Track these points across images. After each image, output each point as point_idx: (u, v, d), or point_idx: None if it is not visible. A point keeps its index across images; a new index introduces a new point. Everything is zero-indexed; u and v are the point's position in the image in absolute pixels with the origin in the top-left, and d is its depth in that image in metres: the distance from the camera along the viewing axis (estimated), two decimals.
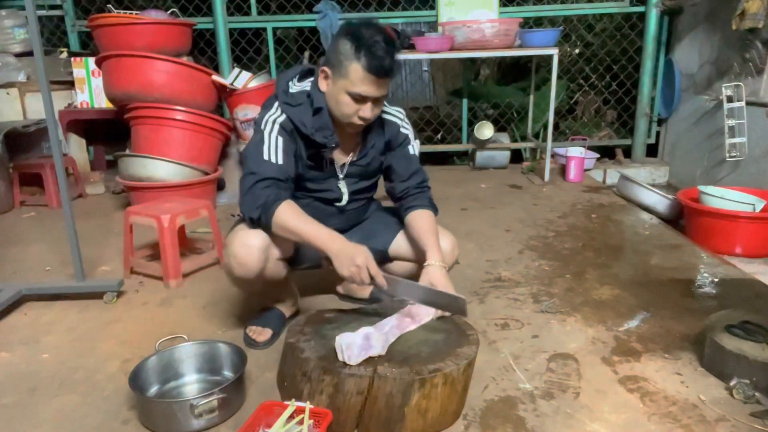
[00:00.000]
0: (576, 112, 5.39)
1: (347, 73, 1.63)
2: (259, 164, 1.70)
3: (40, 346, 2.02)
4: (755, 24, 3.19)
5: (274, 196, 1.67)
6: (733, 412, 1.55)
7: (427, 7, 4.68)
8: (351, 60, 1.61)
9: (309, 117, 1.75)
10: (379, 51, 1.59)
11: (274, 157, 1.71)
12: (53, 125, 2.19)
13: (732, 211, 2.90)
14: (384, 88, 1.67)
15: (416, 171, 1.95)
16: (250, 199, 1.69)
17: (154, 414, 1.53)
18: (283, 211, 1.65)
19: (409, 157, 1.95)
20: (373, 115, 1.71)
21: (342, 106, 1.68)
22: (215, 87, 3.72)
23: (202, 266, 2.66)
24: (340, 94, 1.67)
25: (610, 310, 2.18)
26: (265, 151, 1.71)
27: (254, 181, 1.68)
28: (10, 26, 4.24)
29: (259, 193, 1.67)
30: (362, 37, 1.60)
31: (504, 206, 3.62)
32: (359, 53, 1.59)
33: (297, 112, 1.75)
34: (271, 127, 1.74)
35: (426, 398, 1.43)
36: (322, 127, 1.75)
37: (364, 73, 1.61)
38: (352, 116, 1.70)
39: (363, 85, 1.63)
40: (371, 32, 1.61)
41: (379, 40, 1.60)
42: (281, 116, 1.75)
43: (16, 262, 2.85)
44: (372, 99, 1.67)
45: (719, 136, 3.61)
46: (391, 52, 1.62)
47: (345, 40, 1.63)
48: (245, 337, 1.96)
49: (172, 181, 3.39)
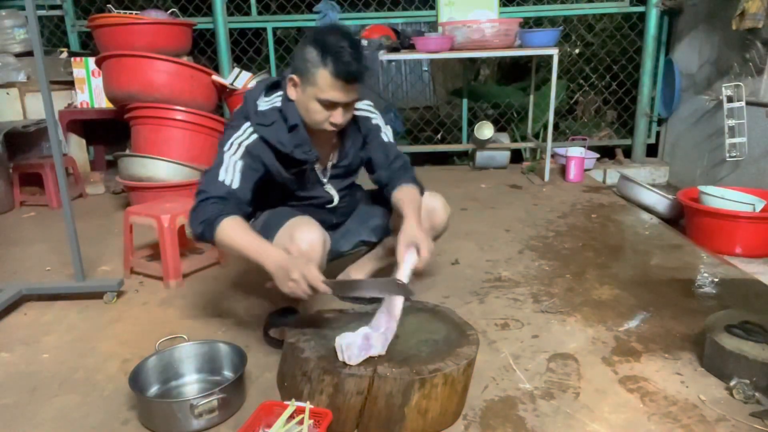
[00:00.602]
0: (576, 112, 5.39)
1: (315, 80, 1.62)
2: (211, 184, 1.69)
3: (40, 346, 2.02)
4: (755, 24, 3.19)
5: (217, 211, 1.65)
6: (733, 412, 1.55)
7: (427, 7, 4.67)
8: (318, 67, 1.60)
9: (285, 135, 1.74)
10: (346, 56, 1.58)
11: (229, 179, 1.70)
12: (53, 125, 2.19)
13: (732, 211, 2.90)
14: (354, 93, 1.67)
15: (396, 156, 1.95)
16: (194, 215, 1.68)
17: (154, 414, 1.53)
18: (226, 226, 1.63)
19: (385, 145, 1.95)
20: (344, 120, 1.71)
21: (312, 113, 1.68)
22: (215, 87, 3.72)
23: (202, 266, 2.66)
24: (309, 101, 1.67)
25: (610, 310, 2.18)
26: (222, 173, 1.70)
27: (201, 199, 1.68)
28: (10, 26, 4.24)
29: (204, 209, 1.66)
30: (328, 44, 1.59)
31: (504, 206, 3.62)
32: (326, 60, 1.59)
33: (272, 132, 1.73)
34: (235, 149, 1.72)
35: (426, 398, 1.43)
36: (299, 143, 1.75)
37: (332, 80, 1.60)
38: (323, 122, 1.70)
39: (332, 91, 1.62)
40: (336, 38, 1.61)
41: (344, 45, 1.59)
42: (250, 138, 1.73)
43: (16, 262, 2.85)
44: (342, 104, 1.67)
45: (719, 136, 3.61)
46: (358, 56, 1.61)
47: (310, 47, 1.62)
48: (269, 340, 1.94)
49: (172, 181, 3.39)
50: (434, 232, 2.05)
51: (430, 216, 2.01)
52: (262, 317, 2.13)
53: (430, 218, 2.01)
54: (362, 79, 1.65)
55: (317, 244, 1.72)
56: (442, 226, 2.06)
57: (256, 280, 2.51)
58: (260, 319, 2.13)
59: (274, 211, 1.89)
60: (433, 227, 2.03)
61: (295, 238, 1.70)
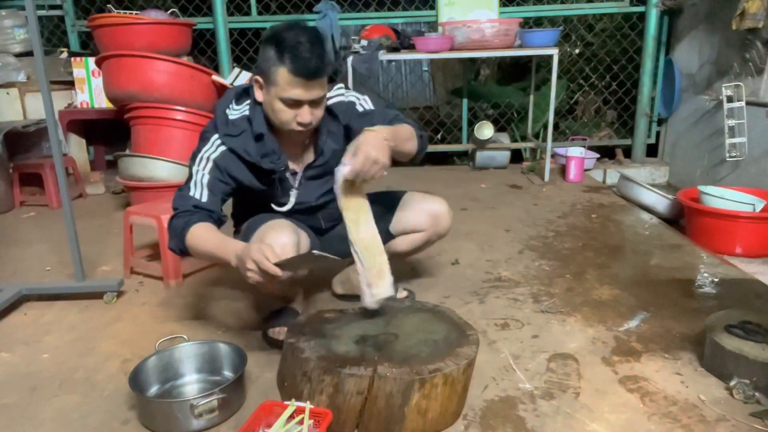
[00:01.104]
0: (576, 112, 5.39)
1: (276, 79, 1.60)
2: (181, 200, 1.70)
3: (40, 346, 2.02)
4: (755, 24, 3.19)
5: (184, 223, 1.66)
6: (733, 412, 1.55)
7: (427, 7, 4.68)
8: (277, 65, 1.58)
9: (252, 144, 1.72)
10: (304, 52, 1.55)
11: (198, 193, 1.70)
12: (53, 125, 2.19)
13: (732, 211, 2.90)
14: (317, 90, 1.63)
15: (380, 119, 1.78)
16: (169, 234, 1.70)
17: (154, 414, 1.53)
18: (194, 233, 1.64)
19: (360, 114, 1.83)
20: (313, 118, 1.67)
21: (278, 113, 1.65)
22: (215, 87, 3.72)
23: (202, 266, 2.66)
24: (274, 101, 1.64)
25: (610, 310, 2.18)
26: (192, 188, 1.71)
27: (171, 216, 1.70)
28: (10, 26, 4.24)
29: (174, 223, 1.68)
30: (284, 40, 1.57)
31: (504, 206, 3.62)
32: (283, 57, 1.56)
33: (240, 142, 1.72)
34: (204, 163, 1.72)
35: (426, 398, 1.43)
36: (266, 153, 1.73)
37: (291, 77, 1.57)
38: (291, 122, 1.66)
39: (293, 89, 1.59)
40: (294, 34, 1.58)
41: (302, 41, 1.56)
42: (217, 151, 1.73)
43: (16, 262, 2.85)
44: (307, 102, 1.63)
45: (719, 136, 3.61)
46: (317, 51, 1.57)
47: (270, 46, 1.59)
48: (267, 340, 1.94)
49: (172, 181, 3.39)
50: (437, 236, 2.07)
51: (435, 220, 2.01)
52: (262, 317, 2.13)
53: (434, 222, 2.01)
54: (322, 75, 1.61)
55: (288, 246, 1.66)
56: (446, 230, 2.07)
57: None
58: (260, 319, 2.13)
59: (254, 219, 1.86)
60: (436, 232, 2.04)
61: (265, 242, 1.62)
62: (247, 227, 1.86)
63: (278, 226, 1.72)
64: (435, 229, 2.03)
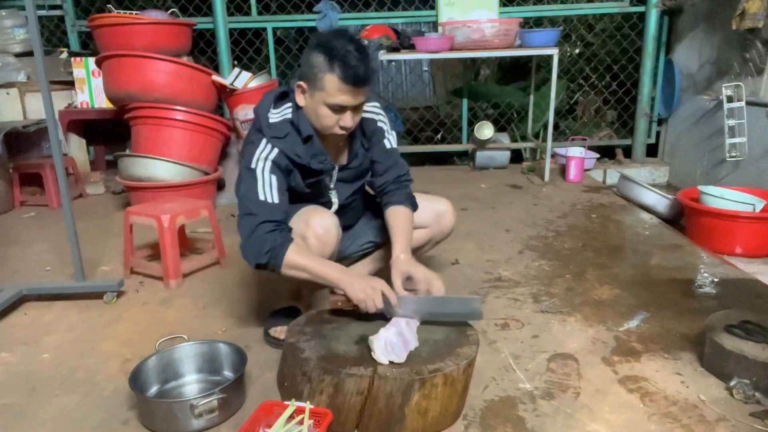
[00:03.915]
0: (576, 112, 5.40)
1: (323, 85, 1.63)
2: (257, 205, 1.70)
3: (40, 346, 2.02)
4: (755, 24, 3.19)
5: (280, 240, 1.67)
6: (733, 412, 1.55)
7: (427, 7, 4.67)
8: (325, 72, 1.61)
9: (300, 146, 1.75)
10: (353, 60, 1.59)
11: (270, 196, 1.71)
12: (53, 125, 2.19)
13: (732, 211, 2.90)
14: (361, 96, 1.68)
15: (393, 164, 1.94)
16: (254, 245, 1.68)
17: (154, 414, 1.53)
18: (293, 254, 1.66)
19: (386, 151, 1.94)
20: (353, 123, 1.72)
21: (322, 118, 1.69)
22: (215, 87, 3.72)
23: (202, 266, 2.66)
24: (318, 106, 1.68)
25: (610, 310, 2.18)
26: (260, 191, 1.70)
27: (255, 225, 1.68)
28: (10, 26, 4.25)
29: (264, 237, 1.67)
30: (334, 48, 1.60)
31: (504, 206, 3.62)
32: (333, 64, 1.60)
33: (287, 144, 1.74)
34: (263, 164, 1.73)
35: (426, 398, 1.43)
36: (315, 153, 1.77)
37: (340, 84, 1.61)
38: (333, 127, 1.71)
39: (340, 95, 1.63)
40: (342, 42, 1.62)
41: (351, 49, 1.60)
42: (272, 152, 1.74)
43: (16, 262, 2.85)
44: (351, 108, 1.67)
45: (719, 136, 3.61)
46: (365, 59, 1.62)
47: (317, 52, 1.63)
48: (268, 339, 1.95)
49: (172, 181, 3.39)
50: (442, 235, 2.11)
51: (439, 219, 2.06)
52: (262, 317, 2.14)
53: (438, 221, 2.06)
54: (370, 82, 1.66)
55: (332, 228, 1.77)
56: (449, 229, 2.11)
57: (256, 280, 2.52)
58: (260, 319, 2.13)
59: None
60: (441, 231, 2.09)
61: (310, 223, 1.75)
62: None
63: (319, 210, 1.82)
64: (438, 227, 2.07)
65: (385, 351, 1.46)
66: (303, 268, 1.67)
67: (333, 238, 1.78)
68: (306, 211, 1.81)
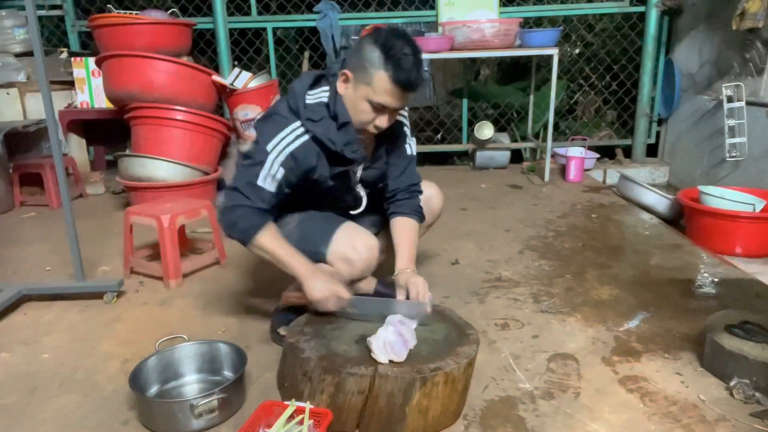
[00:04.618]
0: (576, 112, 5.40)
1: (371, 81, 1.59)
2: (250, 188, 1.67)
3: (40, 346, 2.02)
4: (755, 24, 3.19)
5: (257, 220, 1.67)
6: (733, 412, 1.55)
7: (427, 7, 4.67)
8: (378, 69, 1.57)
9: (335, 132, 1.69)
10: (407, 64, 1.56)
11: (269, 184, 1.68)
12: (53, 125, 2.19)
13: (732, 211, 2.90)
14: (405, 100, 1.65)
15: (409, 172, 1.92)
16: (231, 219, 1.69)
17: (154, 414, 1.53)
18: (265, 236, 1.68)
19: (405, 156, 1.93)
20: (388, 125, 1.69)
21: (360, 113, 1.66)
22: (215, 87, 3.72)
23: (202, 266, 2.66)
24: (360, 101, 1.64)
25: (610, 310, 2.18)
26: (261, 176, 1.67)
27: (238, 203, 1.68)
28: (10, 26, 4.24)
29: (241, 214, 1.67)
30: (393, 47, 1.56)
31: (504, 206, 3.62)
32: (388, 63, 1.56)
33: (322, 129, 1.69)
34: (279, 152, 1.67)
35: (427, 397, 1.44)
36: (349, 141, 1.71)
37: (391, 85, 1.58)
38: (368, 123, 1.67)
39: (387, 95, 1.60)
40: (402, 43, 1.57)
41: (408, 53, 1.56)
42: (296, 141, 1.68)
43: (16, 262, 2.85)
44: (391, 110, 1.65)
45: (719, 136, 3.61)
46: (419, 66, 1.59)
47: (374, 47, 1.58)
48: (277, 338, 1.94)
49: (172, 181, 3.39)
50: (433, 217, 2.11)
51: (428, 203, 2.04)
52: (262, 317, 2.14)
53: (428, 205, 2.04)
54: (417, 89, 1.64)
55: (375, 248, 1.79)
56: (438, 211, 2.12)
57: (256, 280, 2.52)
58: (261, 319, 2.13)
59: (307, 216, 1.87)
60: (431, 213, 2.08)
61: (357, 247, 1.75)
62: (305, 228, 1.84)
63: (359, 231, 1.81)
64: (429, 211, 2.04)
65: (384, 350, 1.46)
66: (271, 252, 1.68)
67: (376, 258, 1.81)
68: (347, 232, 1.78)
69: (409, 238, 1.86)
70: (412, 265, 1.81)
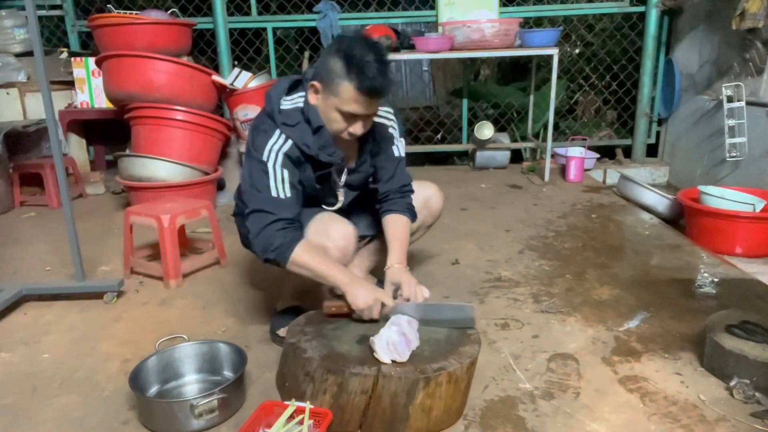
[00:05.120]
0: (576, 112, 5.40)
1: (338, 91, 1.59)
2: (270, 202, 1.66)
3: (40, 346, 2.02)
4: (755, 24, 3.19)
5: (289, 237, 1.65)
6: (733, 412, 1.55)
7: (427, 7, 4.67)
8: (342, 79, 1.58)
9: (310, 136, 1.71)
10: (371, 71, 1.55)
11: (282, 192, 1.68)
12: (53, 125, 2.19)
13: (732, 211, 2.90)
14: (375, 106, 1.65)
15: (399, 173, 1.92)
16: (263, 241, 1.66)
17: (154, 414, 1.53)
18: (300, 252, 1.65)
19: (393, 158, 1.92)
20: (363, 131, 1.69)
21: (332, 122, 1.67)
22: (215, 87, 3.72)
23: (202, 266, 2.66)
24: (330, 111, 1.65)
25: (610, 310, 2.18)
26: (272, 187, 1.67)
27: (266, 223, 1.65)
28: (10, 26, 4.24)
29: (274, 235, 1.65)
30: (354, 56, 1.56)
31: (504, 206, 3.62)
32: (351, 73, 1.56)
33: (297, 133, 1.70)
34: (275, 157, 1.68)
35: (430, 397, 1.44)
36: (324, 145, 1.72)
37: (356, 94, 1.58)
38: (341, 132, 1.68)
39: (354, 104, 1.60)
40: (363, 50, 1.57)
41: (370, 59, 1.56)
42: (286, 144, 1.70)
43: (16, 262, 2.85)
44: (363, 117, 1.65)
45: (719, 136, 3.61)
46: (384, 70, 1.58)
47: (336, 57, 1.59)
48: (277, 339, 1.94)
49: (172, 181, 3.39)
50: (432, 218, 2.11)
51: (428, 203, 2.05)
52: (262, 317, 2.14)
53: (427, 205, 2.05)
54: (386, 94, 1.63)
55: (352, 237, 1.78)
56: (438, 212, 2.11)
57: (256, 280, 2.52)
58: (261, 319, 2.13)
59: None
60: (431, 213, 2.08)
61: (331, 235, 1.74)
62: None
63: (334, 219, 1.81)
64: (428, 211, 2.05)
65: (387, 350, 1.46)
66: (310, 267, 1.66)
67: (353, 246, 1.79)
68: (323, 221, 1.78)
69: (401, 234, 1.85)
70: (403, 261, 1.80)
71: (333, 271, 1.66)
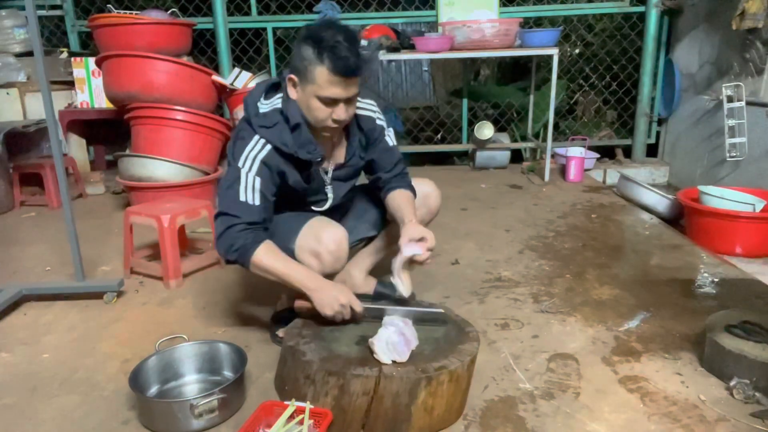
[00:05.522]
0: (576, 112, 5.40)
1: (314, 78, 1.60)
2: (235, 206, 1.67)
3: (40, 346, 2.02)
4: (755, 24, 3.19)
5: (251, 238, 1.65)
6: (733, 412, 1.55)
7: (427, 7, 4.68)
8: (315, 64, 1.58)
9: (288, 135, 1.71)
10: (342, 51, 1.56)
11: (251, 198, 1.68)
12: (53, 125, 2.19)
13: (732, 211, 2.90)
14: (354, 87, 1.65)
15: (398, 160, 1.96)
16: (225, 242, 1.67)
17: (154, 414, 1.53)
18: (262, 253, 1.65)
19: (389, 149, 1.94)
20: (348, 115, 1.69)
21: (314, 111, 1.66)
22: (215, 87, 3.72)
23: (202, 266, 2.66)
24: (310, 99, 1.65)
25: (610, 310, 2.18)
26: (242, 192, 1.67)
27: (229, 225, 1.66)
28: (10, 26, 4.24)
29: (235, 236, 1.65)
30: (323, 39, 1.57)
31: (504, 206, 3.62)
32: (322, 56, 1.57)
33: (275, 134, 1.71)
34: (250, 164, 1.69)
35: (432, 396, 1.44)
36: (303, 143, 1.72)
37: (331, 76, 1.58)
38: (326, 120, 1.67)
39: (331, 87, 1.60)
40: (331, 33, 1.58)
41: (340, 40, 1.57)
42: (264, 150, 1.70)
43: (16, 262, 2.85)
44: (343, 100, 1.65)
45: (719, 136, 3.61)
46: (354, 50, 1.59)
47: (306, 45, 1.60)
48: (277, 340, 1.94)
49: (172, 181, 3.39)
50: (430, 215, 2.09)
51: (426, 200, 2.04)
52: (262, 317, 2.14)
53: (425, 203, 2.04)
54: (361, 73, 1.63)
55: (344, 241, 1.75)
56: (436, 208, 2.10)
57: (256, 281, 2.51)
58: (261, 319, 2.13)
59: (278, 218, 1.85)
60: (429, 211, 2.07)
61: (322, 240, 1.72)
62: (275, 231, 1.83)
63: (326, 223, 1.79)
64: (426, 208, 2.05)
65: (387, 351, 1.46)
66: (271, 270, 1.65)
67: (345, 251, 1.77)
68: (313, 226, 1.77)
69: (408, 201, 1.86)
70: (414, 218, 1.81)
71: (298, 275, 1.65)
